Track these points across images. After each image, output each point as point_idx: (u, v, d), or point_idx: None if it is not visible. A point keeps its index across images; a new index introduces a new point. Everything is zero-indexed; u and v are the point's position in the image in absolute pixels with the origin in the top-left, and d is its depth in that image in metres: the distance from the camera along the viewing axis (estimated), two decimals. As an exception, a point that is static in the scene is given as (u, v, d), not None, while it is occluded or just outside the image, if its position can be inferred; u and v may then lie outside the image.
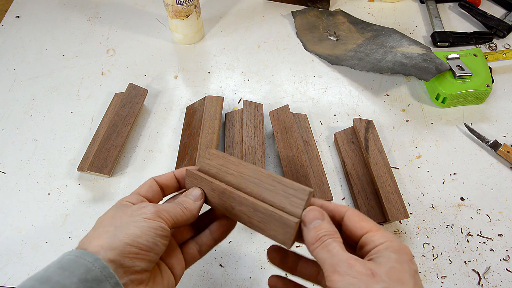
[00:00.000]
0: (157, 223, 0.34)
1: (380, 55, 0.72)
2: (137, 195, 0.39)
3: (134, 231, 0.33)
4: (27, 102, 0.72)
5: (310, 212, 0.34)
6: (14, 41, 0.82)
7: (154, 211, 0.35)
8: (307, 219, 0.34)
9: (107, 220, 0.35)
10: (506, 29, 0.78)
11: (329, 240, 0.32)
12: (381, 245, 0.31)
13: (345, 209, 0.35)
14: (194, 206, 0.39)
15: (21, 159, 0.65)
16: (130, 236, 0.33)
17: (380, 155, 0.59)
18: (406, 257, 0.31)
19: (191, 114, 0.67)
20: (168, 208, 0.37)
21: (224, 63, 0.77)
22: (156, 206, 0.36)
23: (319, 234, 0.32)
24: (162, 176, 0.42)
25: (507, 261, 0.54)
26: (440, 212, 0.58)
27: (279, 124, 0.63)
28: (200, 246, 0.41)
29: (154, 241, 0.34)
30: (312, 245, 0.33)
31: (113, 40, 0.82)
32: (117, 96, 0.69)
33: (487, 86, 0.67)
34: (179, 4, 0.71)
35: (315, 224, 0.33)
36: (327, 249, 0.31)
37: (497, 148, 0.63)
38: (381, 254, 0.31)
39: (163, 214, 0.36)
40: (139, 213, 0.35)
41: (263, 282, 0.53)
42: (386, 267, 0.29)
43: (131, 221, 0.34)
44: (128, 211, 0.35)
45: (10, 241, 0.56)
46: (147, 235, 0.33)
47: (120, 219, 0.34)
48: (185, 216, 0.38)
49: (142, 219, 0.34)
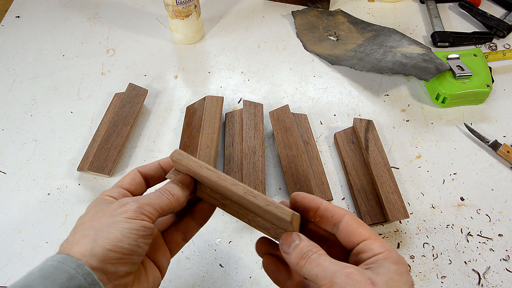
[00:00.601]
0: (140, 222, 0.33)
1: (380, 55, 0.72)
2: (119, 188, 0.37)
3: (115, 235, 0.31)
4: (27, 102, 0.72)
5: (285, 239, 0.33)
6: (14, 41, 0.82)
7: (136, 208, 0.33)
8: (284, 247, 0.33)
9: (87, 221, 0.33)
10: (506, 29, 0.78)
11: (315, 255, 0.31)
12: (380, 255, 0.31)
13: (343, 213, 0.34)
14: (181, 193, 0.36)
15: (21, 159, 0.65)
16: (111, 241, 0.31)
17: (380, 155, 0.59)
18: (404, 268, 0.31)
19: (191, 114, 0.67)
20: (151, 201, 0.35)
21: (224, 63, 0.77)
22: (138, 201, 0.34)
23: (302, 251, 0.32)
24: (146, 166, 0.40)
25: (507, 261, 0.54)
26: (440, 212, 0.58)
27: (279, 124, 0.63)
28: (184, 234, 0.40)
29: (136, 243, 0.32)
30: (298, 265, 0.32)
31: (113, 40, 0.82)
32: (117, 96, 0.69)
33: (487, 86, 0.67)
34: (179, 4, 0.71)
35: (294, 246, 0.33)
36: (317, 263, 0.31)
37: (497, 148, 0.63)
38: (380, 264, 0.30)
39: (146, 210, 0.34)
40: (120, 212, 0.33)
41: (263, 282, 0.53)
42: (385, 277, 0.29)
43: (111, 223, 0.32)
44: (108, 210, 0.33)
45: (10, 241, 0.56)
46: (129, 238, 0.32)
47: (100, 221, 0.33)
48: (172, 206, 0.36)
49: (123, 219, 0.32)
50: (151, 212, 0.34)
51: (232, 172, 0.59)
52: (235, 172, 0.59)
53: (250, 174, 0.57)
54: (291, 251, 0.32)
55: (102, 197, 0.36)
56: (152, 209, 0.34)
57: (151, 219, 0.34)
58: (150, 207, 0.34)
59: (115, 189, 0.37)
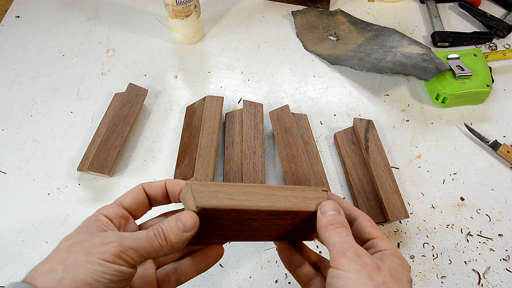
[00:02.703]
0: (116, 267, 0.29)
1: (380, 55, 0.72)
2: (118, 207, 0.35)
3: (84, 277, 0.28)
4: (27, 102, 0.72)
5: (329, 203, 0.36)
6: (14, 41, 0.82)
7: (116, 252, 0.30)
8: (326, 208, 0.36)
9: (63, 251, 0.30)
10: (506, 29, 0.78)
11: (342, 228, 0.34)
12: (387, 251, 0.34)
13: (359, 213, 0.37)
14: (179, 239, 0.32)
15: (21, 159, 0.65)
16: (78, 283, 0.28)
17: (380, 155, 0.59)
18: (407, 266, 0.34)
19: (191, 114, 0.67)
20: (139, 244, 0.31)
21: (224, 63, 0.77)
22: (123, 242, 0.30)
23: (334, 220, 0.35)
24: (152, 185, 0.37)
25: (507, 261, 0.54)
26: (440, 212, 0.58)
27: (279, 124, 0.63)
28: (179, 276, 0.37)
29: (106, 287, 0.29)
30: (325, 227, 0.34)
31: (113, 40, 0.82)
32: (117, 96, 0.69)
33: (487, 86, 0.67)
34: (179, 4, 0.71)
35: (331, 213, 0.35)
36: (340, 234, 0.33)
37: (497, 148, 0.63)
38: (386, 257, 0.33)
39: (128, 255, 0.30)
40: (97, 252, 0.29)
41: (263, 282, 0.53)
42: (389, 266, 0.32)
43: (85, 261, 0.29)
44: (88, 244, 0.30)
45: (10, 241, 0.56)
46: (99, 283, 0.29)
47: (75, 255, 0.30)
48: (163, 251, 0.32)
49: (98, 260, 0.29)
50: (134, 257, 0.31)
51: (232, 172, 0.59)
52: (235, 172, 0.59)
53: (250, 174, 0.57)
54: (328, 215, 0.35)
55: (96, 216, 0.34)
56: (135, 255, 0.31)
57: (132, 264, 0.31)
58: (134, 252, 0.31)
59: (114, 208, 0.35)
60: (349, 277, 0.30)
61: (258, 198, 0.35)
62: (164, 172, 0.63)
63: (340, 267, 0.31)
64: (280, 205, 0.35)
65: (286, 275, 0.53)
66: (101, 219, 0.33)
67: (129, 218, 0.36)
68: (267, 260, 0.54)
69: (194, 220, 0.33)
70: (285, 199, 0.36)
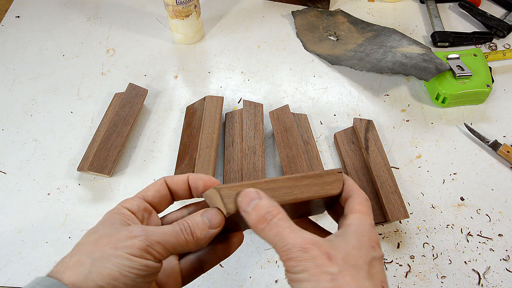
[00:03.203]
0: (143, 261, 0.29)
1: (380, 55, 0.72)
2: (141, 200, 0.34)
3: (111, 271, 0.28)
4: (27, 102, 0.72)
5: (243, 196, 0.32)
6: (14, 41, 0.82)
7: (143, 246, 0.29)
8: (243, 204, 0.32)
9: (89, 245, 0.30)
10: (506, 29, 0.78)
11: (274, 220, 0.30)
12: (350, 227, 0.32)
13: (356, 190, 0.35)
14: (205, 235, 0.32)
15: (21, 159, 0.65)
16: (106, 277, 0.28)
17: (380, 155, 0.59)
18: (368, 243, 0.31)
19: (191, 114, 0.67)
20: (165, 238, 0.31)
21: (224, 63, 0.77)
22: (149, 236, 0.30)
23: (260, 212, 0.31)
24: (174, 179, 0.36)
25: (507, 261, 0.54)
26: (440, 212, 0.58)
27: (279, 124, 0.63)
28: (203, 264, 0.37)
29: (134, 283, 0.29)
30: (256, 227, 0.31)
31: (113, 40, 0.82)
32: (117, 96, 0.69)
33: (487, 86, 0.67)
34: (179, 4, 0.71)
35: (253, 205, 0.31)
36: (276, 231, 0.30)
37: (497, 148, 0.63)
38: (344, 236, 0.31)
39: (154, 249, 0.30)
40: (124, 246, 0.29)
41: (263, 282, 0.53)
42: (343, 252, 0.29)
43: (111, 255, 0.29)
44: (114, 238, 0.30)
45: (10, 241, 0.56)
46: (126, 277, 0.29)
47: (101, 248, 0.29)
48: (188, 247, 0.32)
49: (124, 255, 0.29)
50: (160, 252, 0.30)
51: (232, 172, 0.59)
52: (235, 172, 0.59)
53: (250, 174, 0.57)
54: (249, 210, 0.31)
55: (119, 209, 0.33)
56: (162, 249, 0.31)
57: (158, 259, 0.30)
58: (161, 246, 0.30)
59: (136, 201, 0.34)
60: (301, 278, 0.28)
61: (282, 192, 0.34)
62: (164, 172, 0.63)
63: (290, 270, 0.29)
64: (302, 196, 0.35)
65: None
66: (124, 212, 0.33)
67: (151, 211, 0.35)
68: (267, 260, 0.54)
69: (221, 217, 0.33)
70: (306, 188, 0.35)
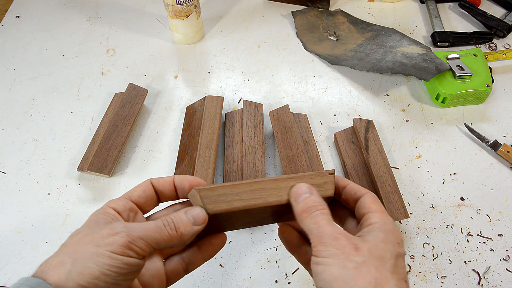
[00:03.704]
0: (124, 259, 0.29)
1: (380, 55, 0.72)
2: (127, 200, 0.35)
3: (92, 270, 0.28)
4: (27, 102, 0.72)
5: (298, 188, 0.35)
6: (14, 41, 0.82)
7: (124, 243, 0.29)
8: (296, 194, 0.35)
9: (72, 245, 0.30)
10: (506, 29, 0.78)
11: (316, 212, 0.33)
12: (375, 225, 0.33)
13: (364, 192, 0.36)
14: (189, 231, 0.33)
15: (21, 159, 0.65)
16: (86, 276, 0.28)
17: (380, 155, 0.59)
18: (394, 239, 0.32)
19: (191, 114, 0.67)
20: (148, 233, 0.31)
21: (224, 63, 0.77)
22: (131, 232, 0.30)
23: (307, 205, 0.34)
24: (160, 180, 0.37)
25: (507, 261, 0.54)
26: (440, 212, 0.58)
27: (279, 124, 0.63)
28: (187, 264, 0.37)
29: (115, 281, 0.29)
30: (300, 216, 0.34)
31: (113, 40, 0.82)
32: (117, 96, 0.69)
33: (487, 86, 0.67)
34: (179, 4, 0.71)
35: (303, 198, 0.34)
36: (315, 220, 0.33)
37: (497, 148, 0.63)
38: (371, 232, 0.32)
39: (137, 245, 0.30)
40: (105, 243, 0.29)
41: (263, 282, 0.53)
42: (370, 244, 0.31)
43: (93, 254, 0.29)
44: (97, 236, 0.30)
45: (10, 241, 0.56)
46: (107, 276, 0.29)
47: (83, 248, 0.30)
48: (171, 242, 0.32)
49: (106, 253, 0.29)
50: (143, 248, 0.30)
51: (232, 172, 0.59)
52: (235, 172, 0.59)
53: (250, 174, 0.57)
54: (299, 201, 0.34)
55: (105, 209, 0.34)
56: (144, 245, 0.31)
57: (141, 255, 0.30)
58: (143, 242, 0.31)
59: (122, 201, 0.35)
60: (327, 262, 0.30)
61: (266, 193, 0.35)
62: (164, 172, 0.63)
63: (318, 254, 0.31)
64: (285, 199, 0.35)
65: (286, 275, 0.53)
66: (109, 212, 0.33)
67: (137, 211, 0.36)
68: (267, 260, 0.54)
69: (204, 215, 0.34)
70: None
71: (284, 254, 0.54)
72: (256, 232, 0.57)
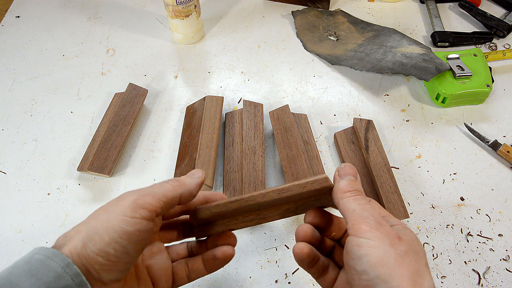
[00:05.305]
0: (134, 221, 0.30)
1: (380, 55, 0.72)
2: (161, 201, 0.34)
3: (103, 237, 0.29)
4: (27, 102, 0.72)
5: (347, 167, 0.34)
6: (14, 41, 0.82)
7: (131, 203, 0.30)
8: (343, 172, 0.34)
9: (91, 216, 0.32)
10: (506, 29, 0.78)
11: (360, 196, 0.33)
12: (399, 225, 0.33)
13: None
14: (191, 182, 0.34)
15: (21, 159, 0.65)
16: (97, 243, 0.29)
17: (380, 155, 0.59)
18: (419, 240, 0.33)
19: (191, 114, 0.67)
20: (154, 189, 0.32)
21: (224, 63, 0.77)
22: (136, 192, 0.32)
23: (353, 186, 0.33)
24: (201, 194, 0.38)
25: (507, 261, 0.54)
26: (440, 212, 0.58)
27: (279, 124, 0.63)
28: (190, 272, 0.38)
29: (125, 250, 0.29)
30: (343, 193, 0.33)
31: (113, 40, 0.82)
32: (117, 96, 0.69)
33: (487, 86, 0.67)
34: (179, 4, 0.71)
35: (349, 178, 0.34)
36: (359, 202, 0.32)
37: (497, 148, 0.63)
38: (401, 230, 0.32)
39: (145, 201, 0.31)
40: (114, 209, 0.30)
41: (263, 282, 0.53)
42: (408, 237, 0.31)
43: (104, 221, 0.30)
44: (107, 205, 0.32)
45: (10, 241, 0.56)
46: (117, 243, 0.29)
47: (98, 217, 0.31)
48: (177, 192, 0.33)
49: (116, 218, 0.30)
50: (152, 203, 0.31)
51: (232, 172, 0.59)
52: (235, 172, 0.59)
53: (250, 174, 0.57)
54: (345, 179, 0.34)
55: None
56: (153, 199, 0.31)
57: (152, 211, 0.31)
58: (151, 197, 0.31)
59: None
60: (371, 245, 0.29)
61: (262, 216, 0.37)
62: (164, 172, 0.63)
63: (360, 235, 0.30)
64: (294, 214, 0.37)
65: (286, 275, 0.53)
66: None
67: None
68: (267, 260, 0.54)
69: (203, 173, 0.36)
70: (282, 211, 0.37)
71: (284, 254, 0.54)
72: (256, 232, 0.57)
